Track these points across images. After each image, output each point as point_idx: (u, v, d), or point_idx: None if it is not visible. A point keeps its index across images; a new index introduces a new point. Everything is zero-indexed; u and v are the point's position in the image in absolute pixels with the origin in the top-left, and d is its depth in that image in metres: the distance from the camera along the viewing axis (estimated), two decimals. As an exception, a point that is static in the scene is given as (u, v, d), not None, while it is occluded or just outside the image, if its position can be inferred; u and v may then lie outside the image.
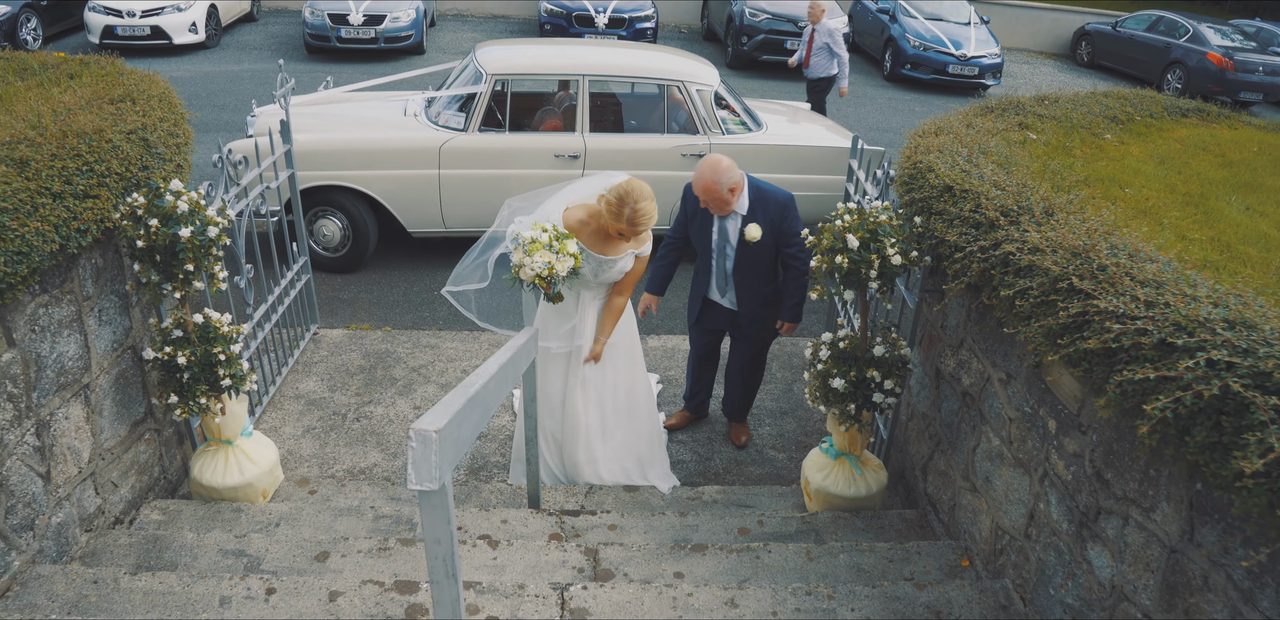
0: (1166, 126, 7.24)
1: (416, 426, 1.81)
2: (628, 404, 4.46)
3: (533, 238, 3.70)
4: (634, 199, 3.83)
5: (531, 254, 3.64)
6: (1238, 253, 4.64)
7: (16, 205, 2.92)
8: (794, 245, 4.34)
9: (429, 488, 1.80)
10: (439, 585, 1.91)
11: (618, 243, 4.05)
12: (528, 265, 3.67)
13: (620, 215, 3.83)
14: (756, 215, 4.31)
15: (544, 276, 3.69)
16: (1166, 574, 2.41)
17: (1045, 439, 3.03)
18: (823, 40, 10.15)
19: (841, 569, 3.47)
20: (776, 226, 4.32)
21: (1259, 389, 1.92)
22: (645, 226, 3.92)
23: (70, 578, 3.33)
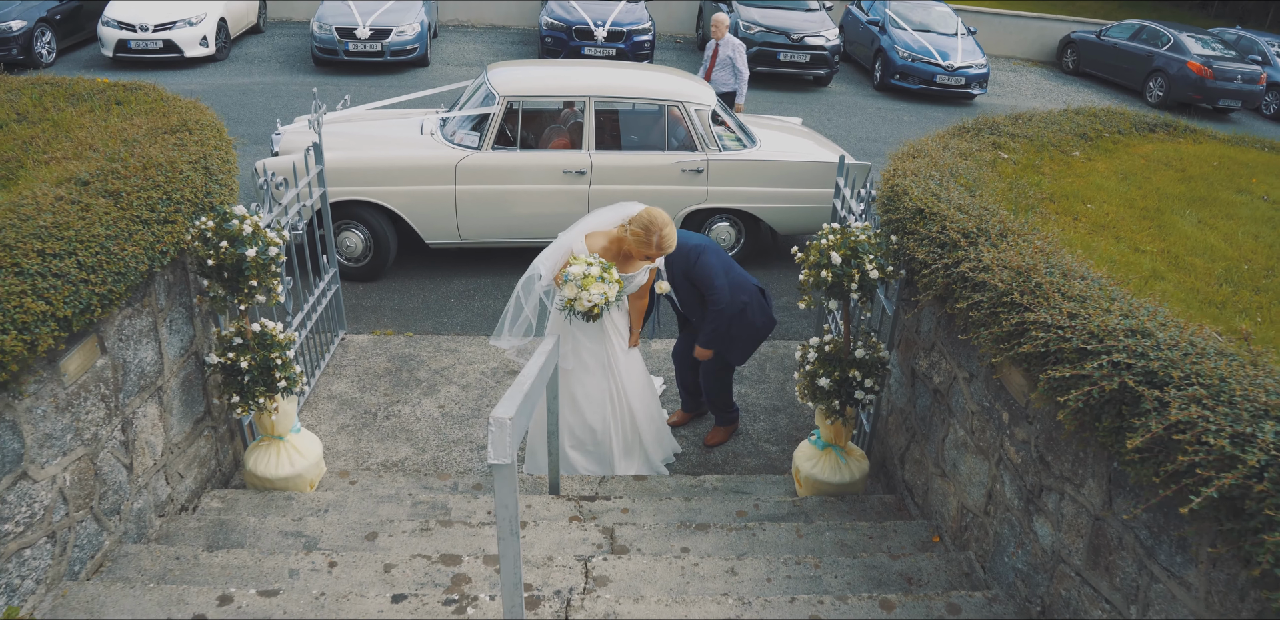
0: (1133, 142, 7.75)
1: (495, 415, 2.32)
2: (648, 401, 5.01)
3: (584, 273, 4.17)
4: (659, 227, 4.36)
5: (587, 287, 4.12)
6: (1185, 263, 5.15)
7: (117, 232, 3.41)
8: (709, 290, 4.81)
9: (504, 462, 2.30)
10: (505, 541, 2.40)
11: (635, 261, 4.56)
12: (584, 297, 4.14)
13: (649, 243, 4.36)
14: (672, 264, 4.83)
15: (599, 305, 4.19)
16: (1092, 538, 2.91)
17: (1000, 429, 3.53)
18: (726, 54, 10.25)
19: (827, 544, 3.98)
20: (690, 271, 4.80)
21: (1148, 384, 2.43)
22: (670, 249, 4.43)
23: (154, 555, 3.82)
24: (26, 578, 3.30)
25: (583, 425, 4.90)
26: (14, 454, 3.13)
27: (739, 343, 5.09)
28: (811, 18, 16.04)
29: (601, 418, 4.87)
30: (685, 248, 4.77)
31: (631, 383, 4.87)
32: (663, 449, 5.28)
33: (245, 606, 3.31)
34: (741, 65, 10.17)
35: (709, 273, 4.76)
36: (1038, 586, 3.26)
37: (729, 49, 10.12)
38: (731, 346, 5.09)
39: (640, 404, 4.95)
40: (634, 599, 3.29)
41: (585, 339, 4.67)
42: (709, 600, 3.30)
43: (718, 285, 4.77)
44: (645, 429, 5.02)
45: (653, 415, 5.12)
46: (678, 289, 4.95)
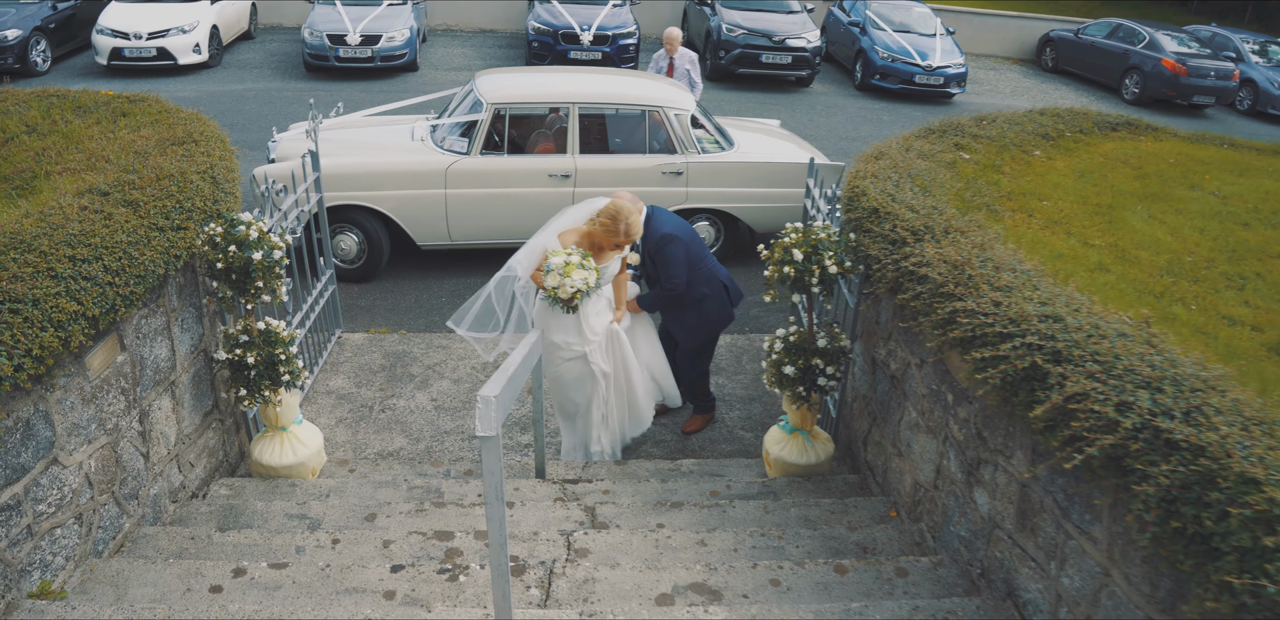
0: (1094, 141, 8.11)
1: (482, 393, 2.65)
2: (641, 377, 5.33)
3: (565, 262, 4.47)
4: (624, 216, 4.68)
5: (569, 274, 4.43)
6: (1131, 256, 5.50)
7: (137, 239, 3.73)
8: (665, 277, 5.20)
9: (490, 434, 2.63)
10: (491, 505, 2.73)
11: (606, 252, 4.87)
12: (566, 284, 4.41)
13: (618, 231, 4.68)
14: (644, 242, 5.19)
15: (581, 291, 4.45)
16: (1020, 503, 3.25)
17: (946, 409, 3.87)
18: (684, 67, 10.39)
19: (792, 519, 4.32)
20: (655, 255, 5.19)
21: (1053, 362, 2.77)
22: (638, 235, 4.77)
23: (170, 536, 4.14)
24: (57, 555, 3.61)
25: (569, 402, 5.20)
26: (46, 441, 3.44)
27: (689, 326, 5.46)
28: (793, 20, 16.38)
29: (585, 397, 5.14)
30: (658, 234, 5.15)
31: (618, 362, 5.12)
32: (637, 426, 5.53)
33: (257, 578, 3.64)
34: (697, 77, 10.37)
35: (669, 262, 5.14)
36: (978, 551, 3.60)
37: (685, 61, 10.34)
38: (680, 326, 5.48)
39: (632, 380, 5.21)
40: (611, 566, 3.63)
41: (561, 330, 4.97)
42: (679, 566, 3.63)
43: (673, 274, 5.15)
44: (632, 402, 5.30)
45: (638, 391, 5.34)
46: (644, 266, 5.34)
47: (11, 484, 3.27)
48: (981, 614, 3.24)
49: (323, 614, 3.19)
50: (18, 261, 3.19)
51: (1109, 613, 2.69)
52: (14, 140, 6.12)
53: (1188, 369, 2.59)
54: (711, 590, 3.49)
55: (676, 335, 5.54)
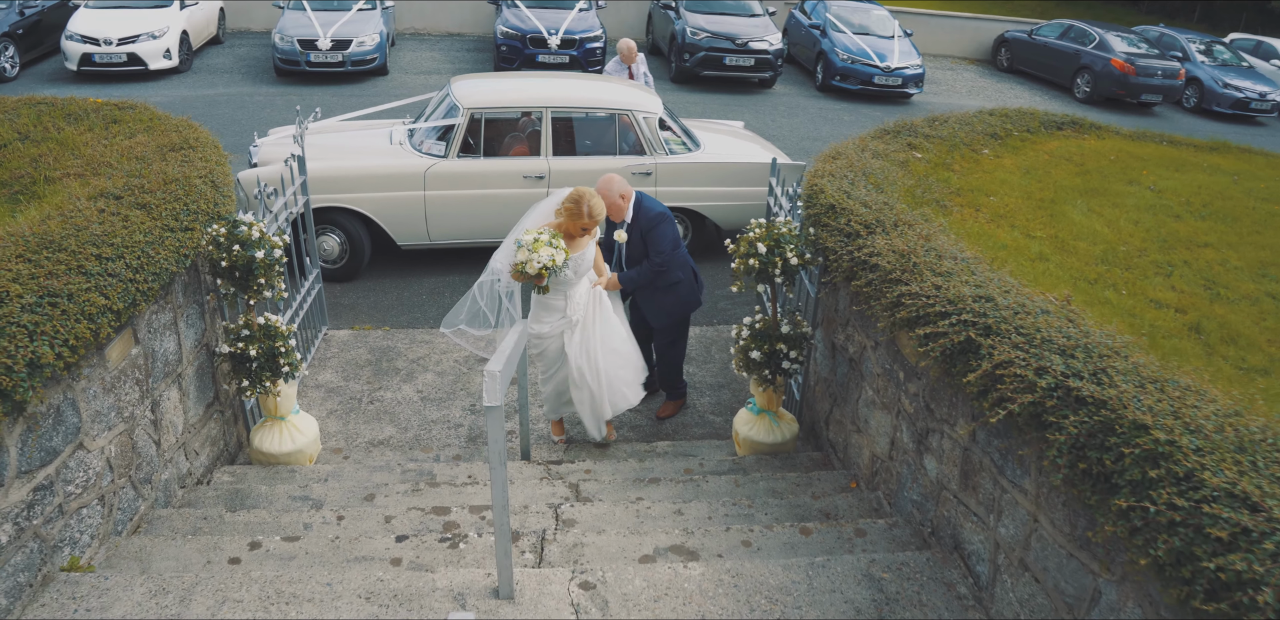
0: (1040, 140, 8.57)
1: (487, 369, 3.01)
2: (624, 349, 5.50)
3: (534, 238, 4.65)
4: (587, 199, 4.89)
5: (536, 250, 4.57)
6: (1069, 246, 5.94)
7: (152, 239, 4.03)
8: (652, 250, 5.49)
9: (494, 404, 2.98)
10: (495, 469, 3.07)
11: (579, 240, 5.05)
12: (534, 259, 4.55)
13: (581, 214, 4.86)
14: (636, 223, 5.46)
15: (548, 267, 4.58)
16: (963, 465, 3.64)
17: (898, 386, 4.26)
18: (642, 72, 10.72)
19: (760, 490, 4.69)
20: (646, 233, 5.45)
21: (984, 336, 3.16)
22: (602, 217, 4.93)
23: (184, 517, 4.44)
24: (84, 533, 3.91)
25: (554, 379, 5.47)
26: (74, 427, 3.74)
27: (665, 308, 5.74)
28: (756, 23, 16.80)
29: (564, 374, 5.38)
30: (651, 212, 5.45)
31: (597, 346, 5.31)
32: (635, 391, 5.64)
33: (272, 550, 3.95)
34: (652, 83, 10.78)
35: (660, 239, 5.43)
36: (928, 512, 3.99)
37: (643, 68, 10.70)
38: (657, 308, 5.75)
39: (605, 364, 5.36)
40: (597, 533, 3.98)
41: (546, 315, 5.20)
42: (659, 532, 4.00)
43: (664, 249, 5.44)
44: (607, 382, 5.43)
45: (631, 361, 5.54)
46: (632, 245, 5.53)
47: (45, 465, 3.56)
48: (931, 565, 3.63)
49: (338, 577, 3.52)
50: (51, 260, 3.49)
51: (1038, 554, 3.09)
52: (7, 147, 6.36)
53: (1098, 339, 2.99)
54: (689, 551, 3.86)
55: (652, 318, 5.82)
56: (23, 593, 3.48)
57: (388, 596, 3.42)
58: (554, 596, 3.41)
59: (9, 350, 3.00)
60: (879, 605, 3.41)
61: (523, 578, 3.50)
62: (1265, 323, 4.88)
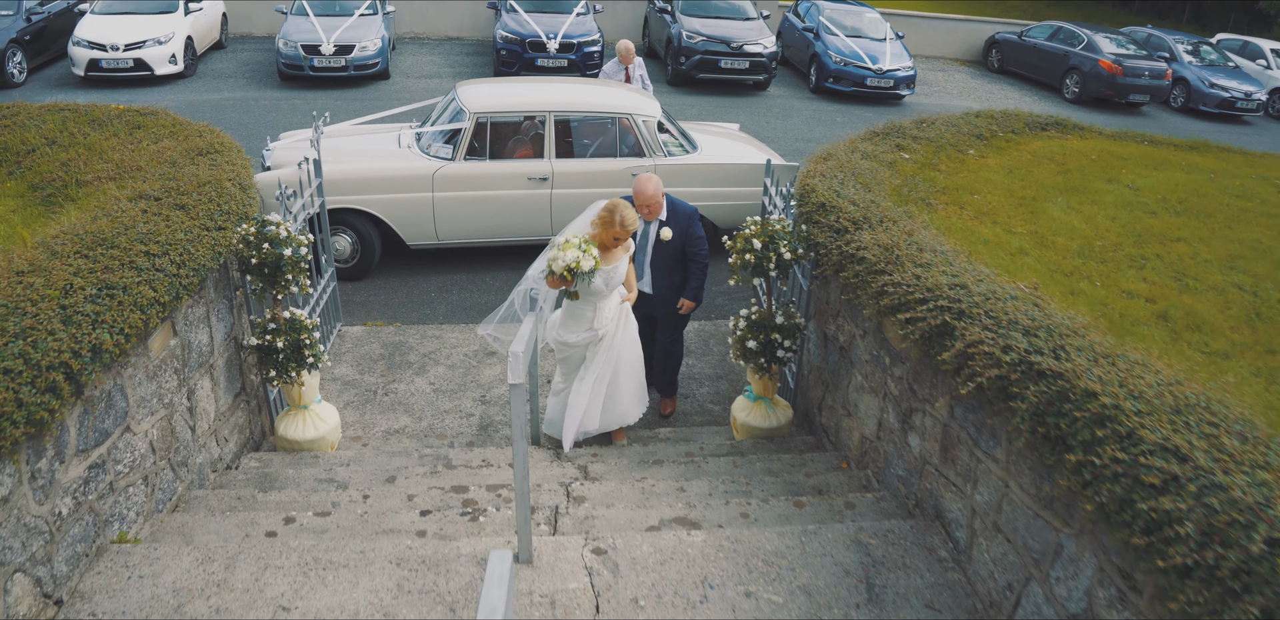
0: (1024, 140, 8.90)
1: (511, 349, 3.35)
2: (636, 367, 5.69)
3: (566, 240, 4.79)
4: (620, 209, 5.03)
5: (565, 250, 4.72)
6: (1048, 241, 6.27)
7: (192, 237, 4.35)
8: (696, 245, 5.79)
9: (518, 382, 3.30)
10: (518, 443, 3.39)
11: (613, 252, 5.17)
12: (561, 258, 4.70)
13: (614, 223, 4.97)
14: (670, 222, 5.75)
15: (571, 268, 4.69)
16: (943, 440, 3.97)
17: (885, 370, 4.59)
18: (639, 75, 10.94)
19: (757, 470, 5.02)
20: (684, 231, 5.73)
21: (958, 319, 3.49)
22: (633, 226, 5.03)
23: (219, 497, 4.76)
24: (130, 510, 4.22)
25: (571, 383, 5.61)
26: (121, 411, 4.05)
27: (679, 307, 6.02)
28: (750, 26, 17.14)
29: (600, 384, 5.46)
30: (688, 209, 5.74)
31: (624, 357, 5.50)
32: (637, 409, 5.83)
33: (306, 524, 4.27)
34: (649, 85, 11.03)
35: (698, 238, 5.73)
36: (912, 486, 4.32)
37: (640, 70, 10.97)
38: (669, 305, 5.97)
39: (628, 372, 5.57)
40: (606, 506, 4.31)
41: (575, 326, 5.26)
42: (664, 506, 4.32)
43: (705, 247, 5.72)
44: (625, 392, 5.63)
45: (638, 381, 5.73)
46: (670, 244, 5.72)
47: (99, 445, 3.88)
48: (915, 532, 3.95)
49: (370, 546, 3.83)
50: (105, 256, 3.81)
51: (1009, 516, 3.41)
52: (35, 152, 6.68)
53: (1059, 321, 3.32)
54: (691, 522, 4.18)
55: (666, 317, 6.01)
56: (80, 561, 3.79)
57: (417, 562, 3.74)
58: (569, 561, 3.73)
59: (76, 336, 3.32)
60: (866, 567, 3.73)
61: (540, 545, 3.82)
62: (1230, 311, 5.21)
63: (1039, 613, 3.19)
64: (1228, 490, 2.27)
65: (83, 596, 3.69)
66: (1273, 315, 5.14)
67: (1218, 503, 2.26)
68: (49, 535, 3.58)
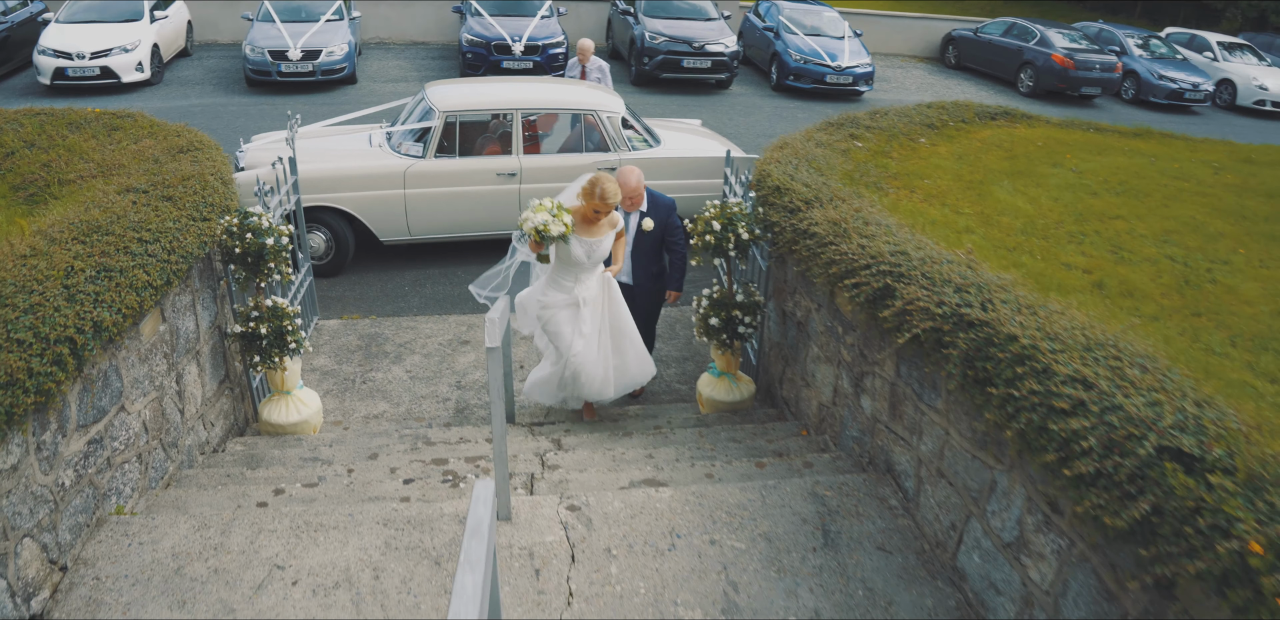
0: (974, 129, 9.26)
1: (488, 316, 3.60)
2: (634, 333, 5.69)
3: (539, 203, 4.94)
4: (601, 182, 5.07)
5: (536, 212, 4.88)
6: (994, 221, 6.60)
7: (181, 227, 4.58)
8: (676, 236, 6.07)
9: (494, 345, 3.56)
10: (495, 404, 3.65)
11: (598, 226, 5.23)
12: (530, 220, 4.87)
13: (594, 194, 5.05)
14: (651, 213, 6.03)
15: (540, 231, 4.84)
16: (891, 398, 4.27)
17: (838, 339, 4.89)
18: (594, 76, 11.23)
19: (721, 438, 5.30)
20: (664, 222, 6.02)
21: (898, 282, 3.79)
22: (614, 199, 5.06)
23: (209, 474, 4.98)
24: (126, 485, 4.44)
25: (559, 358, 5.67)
26: (117, 391, 4.27)
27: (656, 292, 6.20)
28: (712, 26, 17.49)
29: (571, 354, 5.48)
30: (666, 201, 5.97)
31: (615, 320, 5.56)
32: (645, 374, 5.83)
33: (295, 494, 4.50)
34: (608, 83, 11.29)
35: (678, 228, 5.96)
36: (865, 444, 4.62)
37: (596, 70, 11.24)
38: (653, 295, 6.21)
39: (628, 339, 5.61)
40: (580, 471, 4.58)
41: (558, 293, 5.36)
42: (633, 469, 4.59)
43: (682, 238, 5.95)
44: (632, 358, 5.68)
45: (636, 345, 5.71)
46: (651, 235, 5.92)
47: (97, 422, 4.10)
48: (867, 484, 4.25)
49: (358, 510, 4.08)
50: (101, 241, 4.03)
51: (950, 460, 3.71)
52: (15, 154, 6.85)
53: (989, 279, 3.63)
54: (660, 482, 4.46)
55: (646, 301, 6.17)
56: (82, 531, 4.01)
57: (402, 522, 3.99)
58: (546, 517, 3.99)
59: (80, 313, 3.55)
60: (822, 516, 4.02)
61: (518, 503, 4.08)
62: (1161, 279, 5.56)
63: (978, 546, 3.49)
64: (1125, 410, 2.58)
65: (86, 562, 3.91)
66: (1200, 283, 5.50)
67: (1116, 420, 2.56)
68: (53, 504, 3.79)
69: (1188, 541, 2.20)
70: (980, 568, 3.47)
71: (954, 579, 3.66)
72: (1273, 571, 1.99)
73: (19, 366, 3.14)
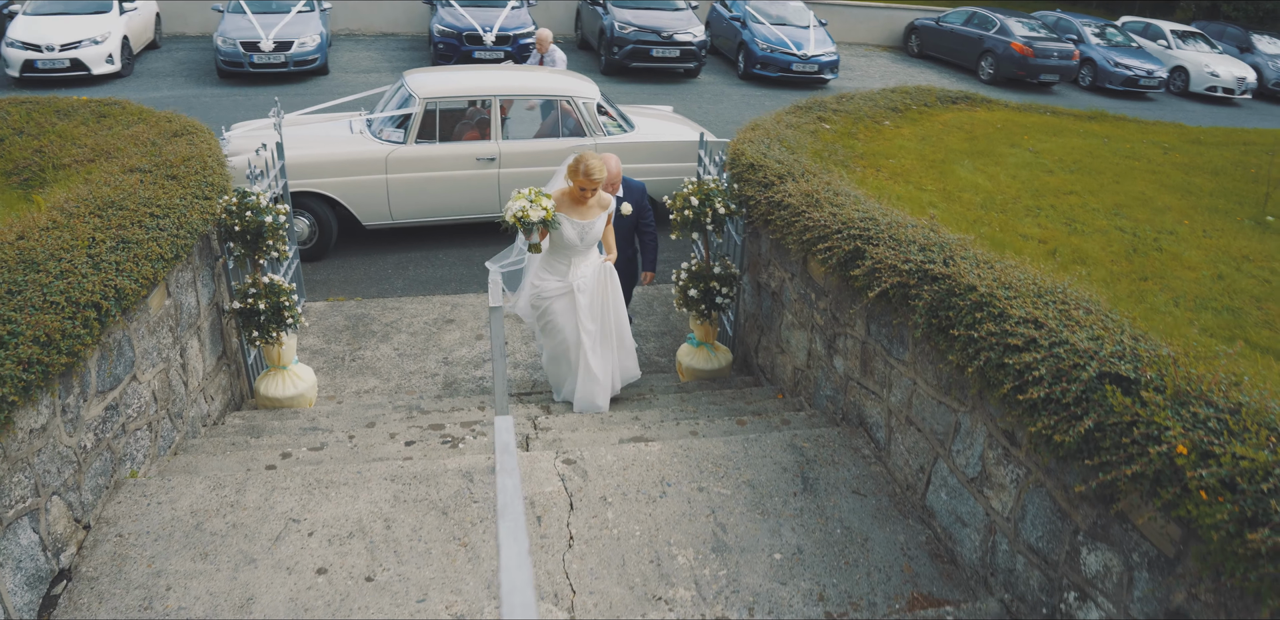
0: (936, 112, 9.62)
1: (491, 278, 3.86)
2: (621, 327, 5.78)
3: (517, 192, 5.13)
4: (584, 159, 5.15)
5: (515, 200, 5.06)
6: (955, 197, 6.95)
7: (186, 204, 4.79)
8: (647, 218, 6.34)
9: (497, 305, 3.83)
10: (497, 361, 3.92)
11: (588, 206, 5.32)
12: (509, 208, 5.07)
13: (578, 171, 5.14)
14: (627, 197, 6.30)
15: (519, 217, 5.02)
16: (862, 357, 4.58)
17: (811, 305, 5.19)
18: (551, 67, 11.32)
19: (702, 402, 5.60)
20: (637, 204, 6.29)
21: (868, 244, 4.10)
22: (598, 175, 5.13)
23: (214, 443, 5.20)
24: (138, 452, 4.65)
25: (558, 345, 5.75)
26: (129, 360, 4.49)
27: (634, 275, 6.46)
28: (680, 16, 17.76)
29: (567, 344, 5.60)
30: (639, 185, 6.21)
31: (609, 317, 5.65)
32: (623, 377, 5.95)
33: (301, 457, 4.74)
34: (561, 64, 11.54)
35: (647, 210, 6.22)
36: (839, 402, 4.93)
37: (551, 62, 11.43)
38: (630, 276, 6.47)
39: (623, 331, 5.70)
40: (571, 431, 4.85)
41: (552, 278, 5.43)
42: (621, 428, 4.88)
43: (651, 220, 6.24)
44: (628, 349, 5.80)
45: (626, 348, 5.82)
46: (626, 219, 6.12)
47: (113, 389, 4.31)
48: (842, 436, 4.56)
49: (365, 468, 4.33)
50: (117, 215, 4.25)
51: (918, 408, 4.03)
52: (5, 141, 7.02)
53: (950, 239, 3.95)
54: (647, 439, 4.74)
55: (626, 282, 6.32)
56: (102, 492, 4.23)
57: (409, 477, 4.25)
58: (544, 470, 4.27)
59: (104, 281, 3.77)
60: (801, 464, 4.33)
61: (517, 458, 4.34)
62: (1111, 248, 5.92)
63: (945, 484, 3.81)
64: (1071, 343, 2.90)
65: (108, 521, 4.13)
66: (1148, 251, 5.86)
67: (1064, 352, 2.88)
68: (77, 465, 4.01)
69: (1125, 450, 2.52)
70: (947, 504, 3.79)
71: (924, 517, 3.98)
72: (1196, 468, 2.30)
73: (55, 327, 3.36)
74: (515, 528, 1.69)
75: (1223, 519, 2.18)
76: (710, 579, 3.65)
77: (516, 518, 1.76)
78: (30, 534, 3.62)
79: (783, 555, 3.78)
